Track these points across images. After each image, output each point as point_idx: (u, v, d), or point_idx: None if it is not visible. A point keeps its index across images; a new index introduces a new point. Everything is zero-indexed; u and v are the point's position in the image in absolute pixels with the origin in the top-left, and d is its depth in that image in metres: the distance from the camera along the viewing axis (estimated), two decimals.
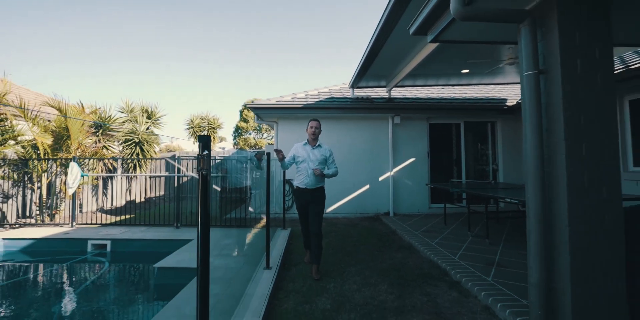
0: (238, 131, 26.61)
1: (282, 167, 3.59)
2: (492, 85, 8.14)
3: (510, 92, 8.03)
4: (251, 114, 24.29)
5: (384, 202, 6.93)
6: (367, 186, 7.00)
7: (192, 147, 18.86)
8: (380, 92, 7.75)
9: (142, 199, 9.99)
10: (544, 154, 1.97)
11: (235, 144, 26.31)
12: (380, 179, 7.01)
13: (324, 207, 3.56)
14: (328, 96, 7.37)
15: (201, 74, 61.76)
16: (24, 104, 5.72)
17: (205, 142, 1.39)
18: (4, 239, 4.91)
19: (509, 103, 7.11)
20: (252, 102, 6.90)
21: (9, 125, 5.68)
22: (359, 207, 6.93)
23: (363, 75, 6.14)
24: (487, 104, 7.10)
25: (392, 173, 6.93)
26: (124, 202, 9.15)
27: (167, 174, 9.32)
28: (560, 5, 1.89)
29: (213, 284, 1.46)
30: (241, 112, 26.33)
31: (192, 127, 15.51)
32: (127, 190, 9.70)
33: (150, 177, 10.44)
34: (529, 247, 1.98)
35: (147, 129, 9.24)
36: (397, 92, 7.79)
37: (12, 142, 5.70)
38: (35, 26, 57.23)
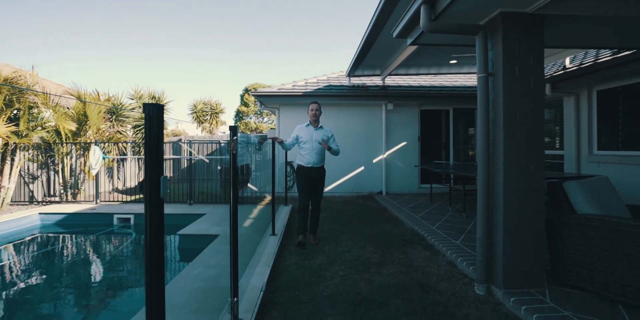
0: (239, 115, 26.95)
1: (284, 148, 3.91)
2: None
3: None
4: (252, 98, 24.57)
5: (377, 182, 7.57)
6: (362, 168, 7.61)
7: (195, 132, 19.34)
8: (375, 80, 8.20)
9: None
10: (490, 139, 2.54)
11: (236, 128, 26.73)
12: (374, 161, 7.61)
13: (325, 185, 4.01)
14: (326, 84, 7.84)
15: (200, 58, 61.18)
16: (48, 94, 6.24)
17: (234, 130, 1.99)
18: (40, 213, 5.58)
19: None
20: (255, 88, 7.40)
21: (37, 112, 6.22)
22: (354, 187, 7.57)
23: (358, 65, 6.60)
24: (475, 91, 7.57)
25: (385, 156, 7.52)
26: (135, 183, 9.80)
27: (177, 156, 9.90)
28: (504, 22, 2.40)
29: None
30: (242, 96, 26.54)
31: (195, 112, 15.95)
32: (137, 173, 10.32)
33: None
34: (478, 210, 2.59)
35: None
36: (391, 80, 8.24)
37: (39, 128, 6.27)
38: (34, 16, 56.24)
